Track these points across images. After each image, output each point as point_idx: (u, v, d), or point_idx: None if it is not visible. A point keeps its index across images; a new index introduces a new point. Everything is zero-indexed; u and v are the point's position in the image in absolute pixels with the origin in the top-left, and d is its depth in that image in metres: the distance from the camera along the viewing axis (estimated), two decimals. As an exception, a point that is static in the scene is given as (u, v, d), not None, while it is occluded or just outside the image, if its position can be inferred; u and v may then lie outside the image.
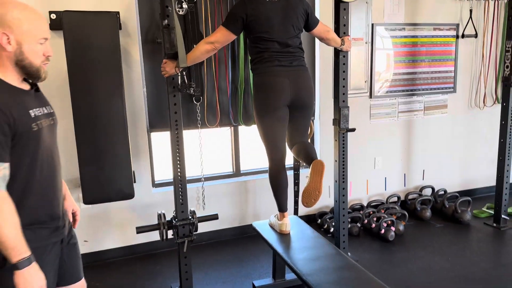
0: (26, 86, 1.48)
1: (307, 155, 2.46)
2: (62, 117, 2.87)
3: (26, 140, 1.40)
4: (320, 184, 2.29)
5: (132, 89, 3.06)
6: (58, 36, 2.84)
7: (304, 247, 2.42)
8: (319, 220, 3.68)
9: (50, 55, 1.49)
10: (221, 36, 2.37)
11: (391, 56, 3.82)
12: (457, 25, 3.99)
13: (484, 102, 4.20)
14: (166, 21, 2.39)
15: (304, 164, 2.63)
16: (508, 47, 3.43)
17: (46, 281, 1.41)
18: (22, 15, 1.38)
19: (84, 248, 3.15)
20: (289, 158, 3.20)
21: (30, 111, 1.43)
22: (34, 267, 1.36)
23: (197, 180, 3.28)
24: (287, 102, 2.44)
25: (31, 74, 1.45)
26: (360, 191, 3.93)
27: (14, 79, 1.43)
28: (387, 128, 3.92)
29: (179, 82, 2.48)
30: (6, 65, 1.39)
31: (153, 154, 3.34)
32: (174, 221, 2.64)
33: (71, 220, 1.74)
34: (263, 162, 2.65)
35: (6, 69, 1.40)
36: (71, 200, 1.77)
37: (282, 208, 2.59)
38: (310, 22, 2.51)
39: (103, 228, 3.20)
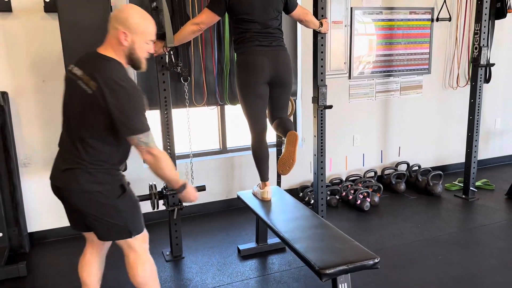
0: None
1: (284, 128, 2.70)
2: (59, 93, 3.06)
3: None
4: (294, 153, 2.52)
5: (123, 69, 3.23)
6: (52, 18, 3.01)
7: (283, 211, 2.66)
8: (301, 194, 3.92)
9: (152, 52, 1.93)
10: (206, 18, 2.57)
11: (370, 39, 4.03)
12: (432, 9, 4.21)
13: (457, 83, 4.45)
14: (154, 3, 2.57)
15: (281, 135, 2.86)
16: (477, 30, 3.66)
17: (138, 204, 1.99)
18: (140, 20, 1.81)
19: (80, 219, 3.36)
20: (272, 136, 3.42)
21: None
22: (187, 187, 1.99)
23: (186, 156, 3.48)
24: (267, 79, 2.65)
25: (135, 64, 1.88)
26: (340, 167, 4.18)
27: (123, 65, 1.86)
28: (365, 108, 4.15)
29: (167, 61, 2.67)
30: (120, 54, 1.83)
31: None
32: (164, 191, 2.85)
33: None
34: (248, 140, 2.87)
35: (120, 58, 1.83)
36: None
37: (263, 177, 2.82)
38: (289, 5, 2.71)
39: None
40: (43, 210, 3.26)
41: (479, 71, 3.68)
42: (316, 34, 3.01)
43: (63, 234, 3.32)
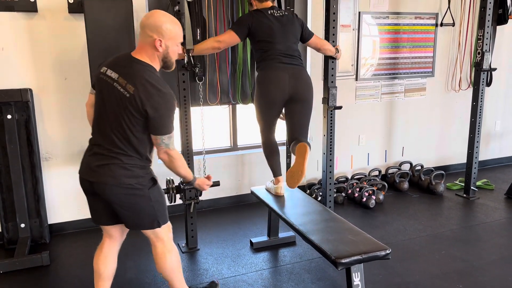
0: None
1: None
2: (80, 91, 3.21)
3: None
4: (303, 165, 2.56)
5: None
6: (75, 19, 3.14)
7: (296, 205, 2.80)
8: (308, 191, 4.06)
9: (181, 53, 2.15)
10: (228, 38, 2.75)
11: (376, 42, 4.18)
12: (437, 14, 4.36)
13: (459, 86, 4.61)
14: (177, 7, 2.71)
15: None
16: (480, 35, 3.81)
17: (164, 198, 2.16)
18: (171, 26, 1.93)
19: (97, 212, 3.49)
20: (281, 135, 3.56)
21: None
22: (198, 179, 2.24)
23: (199, 153, 3.61)
24: (285, 95, 2.75)
25: (167, 66, 2.03)
26: (345, 166, 4.33)
27: (158, 70, 2.01)
28: (371, 108, 4.30)
29: (185, 61, 2.81)
30: (155, 59, 1.97)
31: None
32: (182, 186, 2.99)
33: None
34: (258, 138, 3.01)
35: (155, 63, 1.98)
36: None
37: (276, 173, 2.97)
38: (304, 34, 2.91)
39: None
40: (62, 203, 3.39)
41: (481, 75, 3.83)
42: (328, 36, 3.15)
43: (80, 226, 3.45)
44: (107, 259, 2.20)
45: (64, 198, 3.38)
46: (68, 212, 3.42)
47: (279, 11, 2.82)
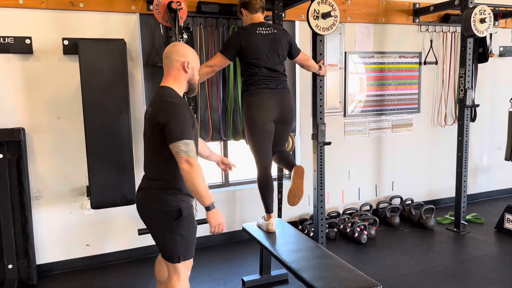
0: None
1: (287, 161, 2.97)
2: (73, 130, 3.24)
3: (193, 134, 2.04)
4: (302, 185, 2.77)
5: (134, 106, 3.40)
6: (70, 60, 3.23)
7: (288, 242, 2.80)
8: (300, 226, 4.06)
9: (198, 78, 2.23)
10: (219, 61, 2.83)
11: (363, 80, 4.32)
12: (420, 53, 4.54)
13: (445, 121, 4.73)
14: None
15: (285, 168, 3.11)
16: (462, 73, 3.96)
17: (195, 231, 2.17)
18: (192, 52, 2.14)
19: (86, 251, 3.45)
20: (274, 171, 3.60)
21: (193, 117, 2.10)
22: (217, 209, 2.03)
23: (190, 189, 3.63)
24: (273, 118, 2.90)
25: (192, 89, 2.18)
26: (337, 200, 4.35)
27: (181, 93, 2.13)
28: (360, 144, 4.38)
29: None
30: (183, 83, 2.12)
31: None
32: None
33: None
34: (250, 173, 3.06)
35: (181, 85, 2.11)
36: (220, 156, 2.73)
37: (269, 209, 2.98)
38: (292, 52, 3.01)
39: (104, 233, 3.49)
40: (51, 243, 3.34)
41: (465, 111, 3.95)
42: (315, 76, 3.27)
43: (69, 266, 3.39)
44: (161, 266, 2.39)
45: (54, 238, 3.34)
46: (57, 252, 3.37)
47: (268, 28, 2.89)
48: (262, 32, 2.87)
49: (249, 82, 2.89)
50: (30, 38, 3.11)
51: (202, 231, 3.74)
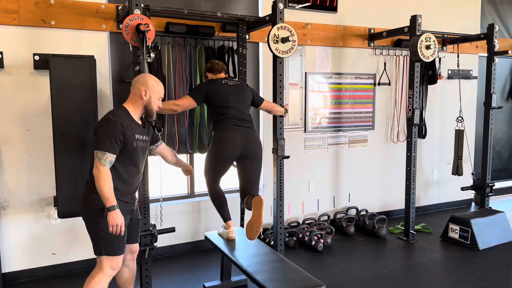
0: (139, 122, 2.54)
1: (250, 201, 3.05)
2: (42, 142, 3.36)
3: (128, 150, 2.43)
4: (260, 216, 2.88)
5: (102, 120, 3.56)
6: (40, 75, 3.36)
7: (246, 248, 3.01)
8: (262, 236, 4.27)
9: (161, 106, 2.59)
10: (186, 102, 3.11)
11: (322, 98, 4.63)
12: (374, 74, 4.91)
13: (397, 138, 5.10)
14: (137, 67, 3.00)
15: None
16: (410, 94, 4.33)
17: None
18: (155, 83, 2.53)
19: (52, 260, 3.54)
20: (227, 182, 3.81)
21: (136, 135, 2.47)
22: (118, 211, 2.32)
23: (156, 200, 3.78)
24: (237, 154, 3.09)
25: (149, 114, 2.52)
26: (297, 211, 4.61)
27: (136, 115, 2.51)
28: (319, 158, 4.67)
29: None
30: (139, 107, 2.51)
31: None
32: (138, 232, 3.13)
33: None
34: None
35: (136, 108, 2.51)
36: (185, 164, 3.11)
37: (226, 218, 3.20)
38: (256, 101, 3.33)
39: (70, 242, 3.59)
40: (17, 252, 3.41)
41: (413, 129, 4.31)
42: (275, 94, 3.52)
43: (35, 275, 3.47)
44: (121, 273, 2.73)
45: (20, 247, 3.42)
46: (23, 261, 3.44)
47: (232, 81, 3.21)
48: (227, 82, 3.18)
49: (218, 120, 3.12)
50: (1, 53, 3.23)
51: (167, 240, 3.91)
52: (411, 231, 4.39)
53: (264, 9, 4.16)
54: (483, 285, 3.36)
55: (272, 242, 4.04)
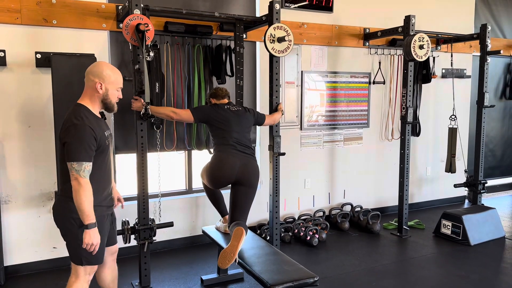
0: (99, 116, 2.34)
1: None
2: (43, 138, 3.44)
3: (102, 150, 2.25)
4: (237, 248, 2.76)
5: (102, 117, 3.65)
6: (42, 72, 3.44)
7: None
8: (258, 231, 4.37)
9: (121, 97, 2.36)
10: (185, 115, 3.17)
11: (318, 96, 4.72)
12: (369, 73, 5.00)
13: (392, 136, 5.20)
14: (137, 66, 3.09)
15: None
16: (404, 93, 4.42)
17: (102, 238, 2.24)
18: (111, 72, 2.28)
19: (53, 253, 3.62)
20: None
21: (105, 132, 2.28)
22: (96, 229, 2.16)
23: (155, 196, 3.86)
24: (233, 178, 3.11)
25: (108, 108, 2.32)
26: (293, 207, 4.70)
27: (96, 111, 2.30)
28: (315, 155, 4.76)
29: (141, 113, 3.11)
30: (96, 101, 2.28)
31: (117, 173, 3.91)
32: (136, 226, 3.22)
33: (116, 204, 2.63)
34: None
35: (94, 104, 2.28)
36: (117, 191, 2.66)
37: (223, 213, 3.30)
38: (259, 120, 3.42)
39: (71, 236, 3.67)
40: (19, 245, 3.50)
41: (406, 127, 4.40)
42: (271, 93, 3.61)
43: (36, 268, 3.56)
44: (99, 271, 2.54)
45: (22, 241, 3.50)
46: (25, 254, 3.53)
47: (234, 106, 3.28)
48: (230, 108, 3.23)
49: (220, 143, 3.17)
50: (4, 51, 3.31)
51: (165, 235, 4.00)
52: (404, 227, 4.49)
53: (261, 9, 4.24)
54: (472, 278, 3.46)
55: (268, 237, 4.13)
